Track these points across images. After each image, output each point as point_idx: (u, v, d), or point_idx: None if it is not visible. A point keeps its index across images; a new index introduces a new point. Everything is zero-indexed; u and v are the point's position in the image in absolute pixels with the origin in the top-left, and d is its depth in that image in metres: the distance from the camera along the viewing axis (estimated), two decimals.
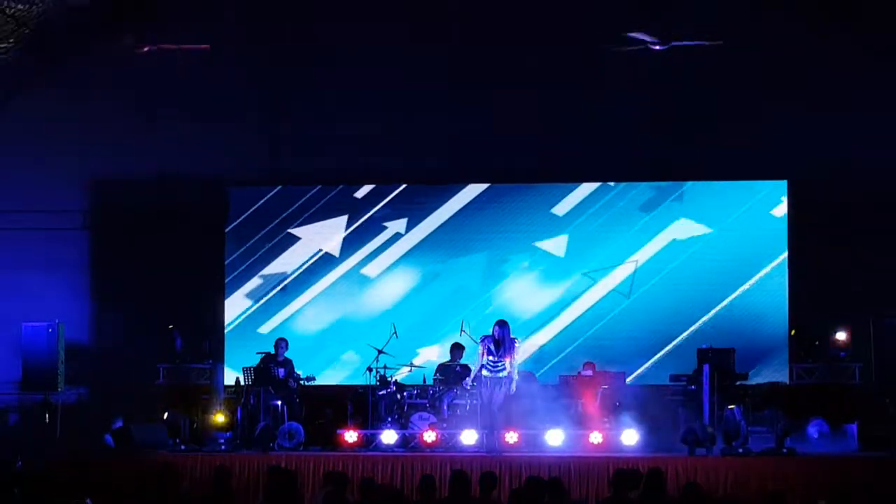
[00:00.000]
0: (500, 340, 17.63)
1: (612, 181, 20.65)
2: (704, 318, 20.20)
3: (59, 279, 21.43)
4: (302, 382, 19.23)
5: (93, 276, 21.65)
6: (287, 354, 19.33)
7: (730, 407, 17.45)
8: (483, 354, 17.70)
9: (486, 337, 17.75)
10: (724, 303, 20.25)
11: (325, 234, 21.05)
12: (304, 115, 21.23)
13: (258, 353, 19.47)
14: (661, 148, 20.56)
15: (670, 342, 20.22)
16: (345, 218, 21.03)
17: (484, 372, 17.67)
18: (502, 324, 17.80)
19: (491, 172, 20.92)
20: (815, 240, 20.06)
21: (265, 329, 20.86)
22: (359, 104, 20.96)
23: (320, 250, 21.03)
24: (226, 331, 20.85)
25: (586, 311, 20.58)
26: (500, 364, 17.67)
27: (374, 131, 20.97)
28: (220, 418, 18.64)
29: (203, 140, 21.23)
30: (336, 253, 21.03)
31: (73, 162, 21.52)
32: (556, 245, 20.66)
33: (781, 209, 20.21)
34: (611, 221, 20.64)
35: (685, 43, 18.22)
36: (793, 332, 19.61)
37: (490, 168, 20.92)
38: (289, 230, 21.02)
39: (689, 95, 20.48)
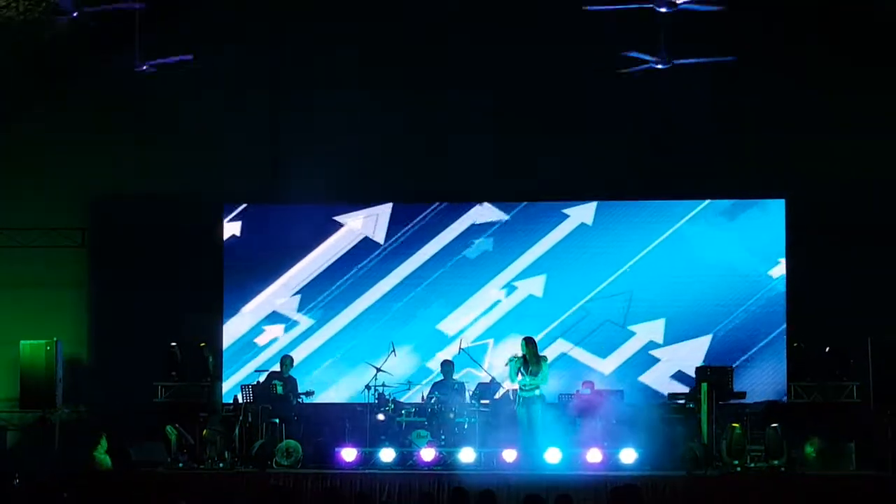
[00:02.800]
0: (530, 358, 17.72)
1: (609, 200, 20.64)
2: (703, 338, 20.17)
3: (57, 297, 21.44)
4: (301, 398, 19.24)
5: (91, 294, 21.65)
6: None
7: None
8: (515, 372, 17.90)
9: (515, 357, 17.90)
10: (723, 322, 20.23)
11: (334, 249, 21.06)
12: (301, 135, 21.25)
13: (257, 370, 19.47)
14: (660, 166, 20.59)
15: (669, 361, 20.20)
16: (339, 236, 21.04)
17: (520, 392, 17.82)
18: (529, 341, 17.89)
19: (491, 192, 20.93)
20: (813, 258, 20.07)
21: (263, 345, 20.84)
22: (355, 124, 20.98)
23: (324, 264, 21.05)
24: (224, 349, 20.81)
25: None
26: (532, 383, 17.77)
27: (370, 151, 20.99)
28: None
29: (202, 159, 21.26)
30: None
31: (72, 180, 21.54)
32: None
33: (779, 228, 20.19)
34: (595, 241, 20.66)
35: (686, 61, 18.22)
36: (795, 344, 19.61)
37: (491, 188, 20.93)
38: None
39: (688, 114, 20.53)
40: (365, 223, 20.90)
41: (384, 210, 20.87)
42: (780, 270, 20.11)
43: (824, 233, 20.10)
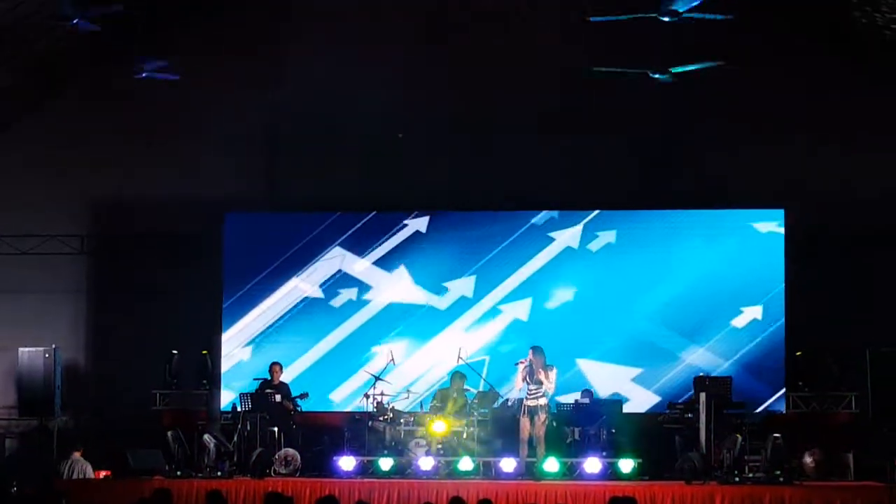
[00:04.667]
0: (535, 367, 17.73)
1: (606, 209, 20.63)
2: (701, 348, 20.16)
3: (56, 304, 21.44)
4: (299, 406, 19.22)
5: (90, 301, 21.66)
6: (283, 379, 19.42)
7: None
8: (521, 380, 17.87)
9: (522, 361, 17.87)
10: (722, 331, 20.23)
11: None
12: (303, 142, 21.26)
13: (255, 378, 19.47)
14: (659, 176, 20.62)
15: (669, 371, 20.17)
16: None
17: (525, 400, 17.84)
18: (536, 350, 17.90)
19: (485, 200, 20.91)
20: (812, 269, 20.08)
21: (262, 355, 20.82)
22: (357, 131, 20.99)
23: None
24: (223, 356, 20.78)
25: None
26: (537, 391, 17.75)
27: (373, 159, 21.00)
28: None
29: (201, 166, 21.28)
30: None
31: (71, 187, 21.58)
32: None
33: (778, 238, 20.18)
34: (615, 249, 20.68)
35: (683, 68, 18.25)
36: (798, 353, 19.61)
37: (486, 196, 20.91)
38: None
39: (686, 123, 20.57)
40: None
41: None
42: (779, 280, 20.08)
43: (823, 243, 20.13)
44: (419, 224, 20.80)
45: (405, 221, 20.79)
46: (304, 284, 20.80)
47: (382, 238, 20.83)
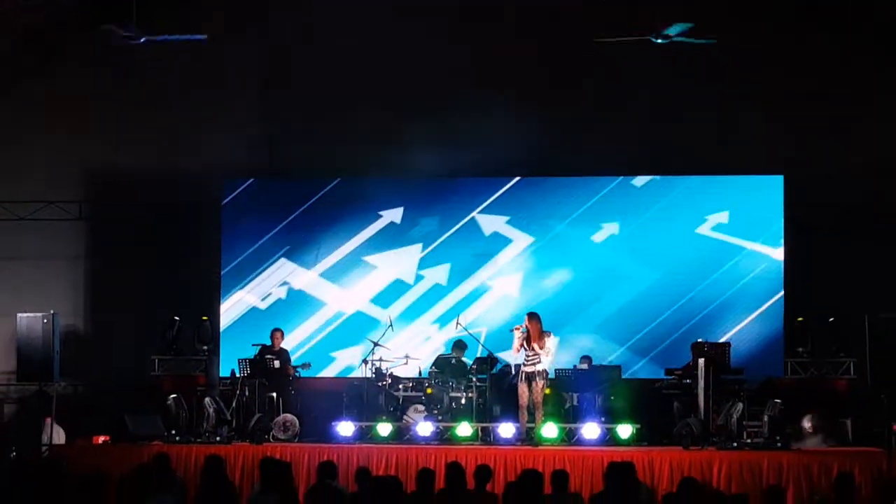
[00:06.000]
0: (532, 333, 17.70)
1: (608, 175, 20.60)
2: (701, 313, 20.16)
3: (54, 270, 21.44)
4: (298, 370, 19.25)
5: (88, 267, 21.65)
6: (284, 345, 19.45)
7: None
8: (517, 346, 17.82)
9: (518, 328, 17.85)
10: (721, 297, 20.22)
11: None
12: (303, 108, 21.20)
13: (254, 344, 19.47)
14: (660, 141, 20.57)
15: (667, 337, 20.16)
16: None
17: (522, 366, 17.79)
18: (532, 316, 17.87)
19: (492, 167, 20.86)
20: (812, 235, 20.07)
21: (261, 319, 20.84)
22: (359, 97, 20.92)
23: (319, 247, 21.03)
24: (222, 322, 20.79)
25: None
26: (534, 357, 17.73)
27: (375, 125, 20.94)
28: None
29: (201, 131, 21.25)
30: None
31: (69, 153, 21.55)
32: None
33: (778, 204, 20.14)
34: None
35: (685, 39, 18.18)
36: (799, 319, 19.59)
37: (490, 163, 20.86)
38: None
39: (687, 90, 20.50)
40: None
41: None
42: (778, 245, 20.07)
43: (823, 209, 20.09)
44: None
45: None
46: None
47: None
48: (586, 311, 20.38)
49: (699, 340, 18.59)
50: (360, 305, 20.77)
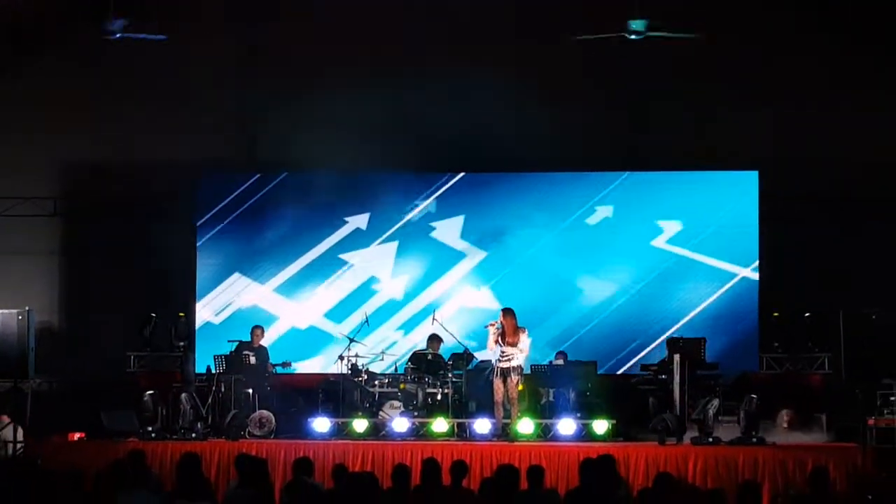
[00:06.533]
0: (507, 329, 17.67)
1: (580, 170, 20.61)
2: (674, 309, 20.21)
3: (29, 266, 21.35)
4: (277, 369, 19.21)
5: (64, 263, 21.57)
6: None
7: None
8: (493, 342, 17.78)
9: (493, 323, 17.80)
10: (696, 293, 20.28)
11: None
12: (278, 103, 21.15)
13: (230, 340, 19.43)
14: (633, 137, 20.59)
15: (642, 334, 20.19)
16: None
17: (496, 362, 17.74)
18: (507, 312, 17.83)
19: (458, 162, 20.84)
20: (786, 231, 20.11)
21: (235, 314, 20.80)
22: (334, 91, 20.87)
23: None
24: (196, 318, 20.74)
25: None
26: (509, 353, 17.71)
27: (350, 119, 20.89)
28: None
29: (175, 127, 21.17)
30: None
31: (44, 149, 21.44)
32: None
33: (752, 200, 20.19)
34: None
35: (660, 34, 18.21)
36: (776, 314, 19.64)
37: (457, 157, 20.83)
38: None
39: (661, 85, 20.52)
40: None
41: None
42: (753, 241, 20.11)
43: (797, 205, 20.13)
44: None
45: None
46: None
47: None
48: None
49: (674, 336, 18.62)
50: (314, 320, 20.83)
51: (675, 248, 20.35)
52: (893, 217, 20.11)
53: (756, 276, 20.09)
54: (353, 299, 20.70)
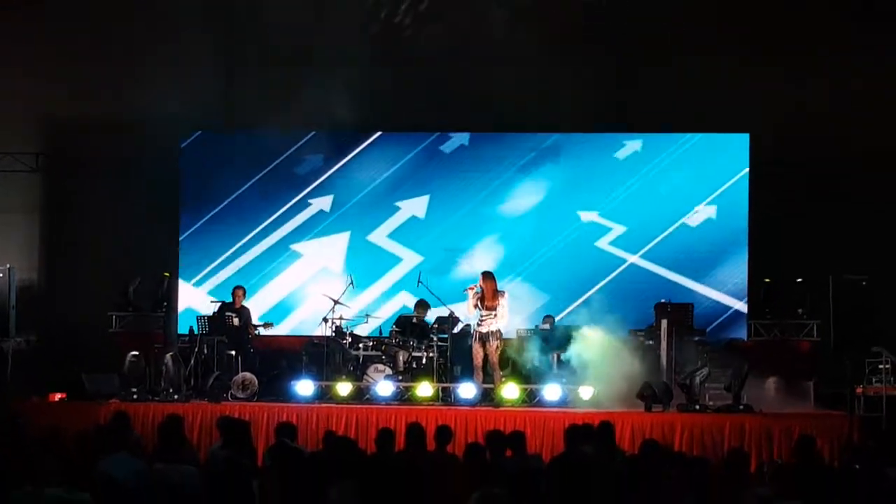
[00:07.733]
0: (486, 293, 17.48)
1: (570, 131, 20.46)
2: (663, 272, 20.09)
3: (10, 222, 21.16)
4: (259, 330, 19.06)
5: (45, 220, 21.38)
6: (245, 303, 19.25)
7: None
8: (472, 306, 17.56)
9: (471, 287, 17.60)
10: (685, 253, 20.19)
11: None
12: (266, 61, 20.92)
13: (212, 301, 19.26)
14: (623, 99, 20.42)
15: (631, 297, 20.08)
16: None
17: (476, 326, 17.54)
18: (487, 275, 17.64)
19: (445, 122, 20.66)
20: (776, 195, 19.97)
21: (219, 276, 20.63)
22: (317, 50, 20.64)
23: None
24: (180, 277, 20.58)
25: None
26: (488, 316, 17.51)
27: (334, 79, 20.65)
28: None
29: (159, 84, 20.87)
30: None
31: (26, 104, 21.23)
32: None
33: (743, 163, 20.06)
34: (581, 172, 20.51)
35: None
36: (767, 280, 19.52)
37: (445, 118, 20.65)
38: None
39: (651, 46, 20.33)
40: None
41: None
42: (743, 205, 20.00)
43: (788, 170, 19.99)
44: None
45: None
46: None
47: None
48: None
49: (662, 301, 18.50)
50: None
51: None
52: (887, 183, 19.95)
53: (746, 239, 19.96)
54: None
